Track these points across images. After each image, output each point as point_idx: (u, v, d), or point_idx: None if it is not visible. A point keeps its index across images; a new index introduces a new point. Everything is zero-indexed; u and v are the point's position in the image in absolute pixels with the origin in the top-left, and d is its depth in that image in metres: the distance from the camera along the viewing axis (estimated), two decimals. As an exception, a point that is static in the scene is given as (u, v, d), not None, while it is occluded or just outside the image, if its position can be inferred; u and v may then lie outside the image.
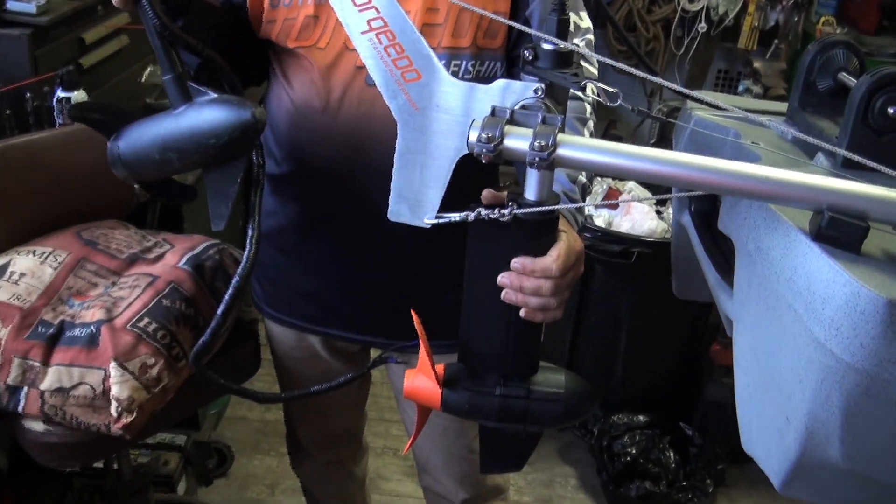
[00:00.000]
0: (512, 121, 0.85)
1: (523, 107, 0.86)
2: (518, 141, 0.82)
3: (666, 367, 2.66)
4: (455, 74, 1.25)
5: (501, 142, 0.82)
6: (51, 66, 1.96)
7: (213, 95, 1.08)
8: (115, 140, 1.15)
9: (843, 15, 3.88)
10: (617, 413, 2.56)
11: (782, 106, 1.10)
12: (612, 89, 0.82)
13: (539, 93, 0.85)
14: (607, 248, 2.29)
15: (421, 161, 0.93)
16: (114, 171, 1.17)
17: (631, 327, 2.50)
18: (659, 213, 2.57)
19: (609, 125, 4.10)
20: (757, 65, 3.76)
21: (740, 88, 3.77)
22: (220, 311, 1.09)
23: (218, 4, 1.28)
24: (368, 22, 0.90)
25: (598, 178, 2.69)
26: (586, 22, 1.31)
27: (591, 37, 1.31)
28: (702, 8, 3.90)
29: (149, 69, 2.41)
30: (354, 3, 0.90)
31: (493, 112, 0.85)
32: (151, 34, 1.08)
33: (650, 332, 2.54)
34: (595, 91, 0.88)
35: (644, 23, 3.94)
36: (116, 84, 2.25)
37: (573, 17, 1.28)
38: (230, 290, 1.09)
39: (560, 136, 0.80)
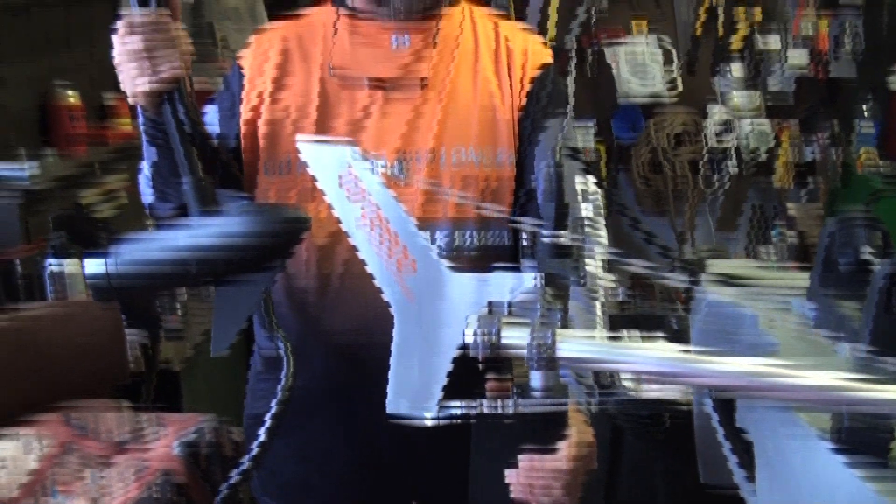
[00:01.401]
0: (510, 315, 0.87)
1: (522, 298, 0.88)
2: (516, 339, 0.83)
3: (712, 544, 2.57)
4: (461, 246, 1.29)
5: (499, 342, 0.83)
6: (44, 231, 2.03)
7: (250, 203, 1.06)
8: (103, 257, 1.06)
9: (884, 146, 3.92)
10: None
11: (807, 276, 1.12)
12: (612, 284, 0.85)
13: (537, 285, 0.87)
14: (636, 414, 2.27)
15: (419, 354, 0.94)
16: (93, 293, 1.08)
17: (668, 502, 2.43)
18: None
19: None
20: (791, 209, 3.81)
21: (774, 235, 3.79)
22: (263, 433, 1.04)
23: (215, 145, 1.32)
24: (363, 213, 0.94)
25: (625, 332, 2.69)
26: (592, 186, 1.35)
27: (599, 199, 1.35)
28: (731, 145, 3.97)
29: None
30: (347, 194, 0.95)
31: (490, 307, 0.87)
32: (174, 135, 1.10)
33: (691, 505, 2.47)
34: (600, 270, 0.91)
35: (670, 162, 4.02)
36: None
37: (578, 184, 1.32)
38: (272, 413, 1.04)
39: (559, 334, 0.82)
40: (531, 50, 1.39)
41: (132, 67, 1.12)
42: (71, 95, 2.32)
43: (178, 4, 1.16)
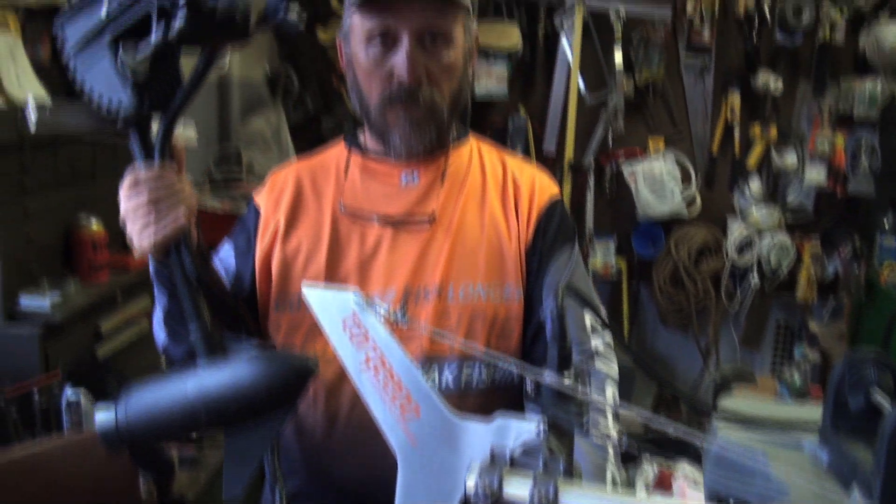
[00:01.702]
0: (513, 464, 0.86)
1: (525, 445, 0.87)
2: (518, 490, 0.82)
3: None
4: (469, 381, 1.28)
5: (501, 494, 0.82)
6: (63, 358, 2.04)
7: (258, 349, 1.04)
8: (113, 407, 1.06)
9: (907, 259, 3.90)
10: None
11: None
12: (613, 432, 0.84)
13: (540, 431, 0.86)
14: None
15: (423, 499, 0.93)
16: (104, 444, 1.06)
17: None
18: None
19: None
20: (814, 329, 3.77)
21: (797, 356, 3.74)
22: None
23: (226, 287, 1.34)
24: (366, 357, 0.95)
25: (647, 457, 2.64)
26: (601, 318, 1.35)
27: (609, 336, 1.34)
28: (752, 260, 3.97)
29: (171, 357, 2.49)
30: (351, 339, 0.95)
31: (493, 455, 0.86)
32: (180, 285, 1.11)
33: None
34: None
35: (692, 278, 4.01)
36: (134, 373, 2.32)
37: (588, 319, 1.32)
38: None
39: (562, 486, 0.81)
40: (538, 185, 1.42)
41: (138, 221, 1.14)
42: (95, 225, 2.36)
43: (183, 156, 1.19)
